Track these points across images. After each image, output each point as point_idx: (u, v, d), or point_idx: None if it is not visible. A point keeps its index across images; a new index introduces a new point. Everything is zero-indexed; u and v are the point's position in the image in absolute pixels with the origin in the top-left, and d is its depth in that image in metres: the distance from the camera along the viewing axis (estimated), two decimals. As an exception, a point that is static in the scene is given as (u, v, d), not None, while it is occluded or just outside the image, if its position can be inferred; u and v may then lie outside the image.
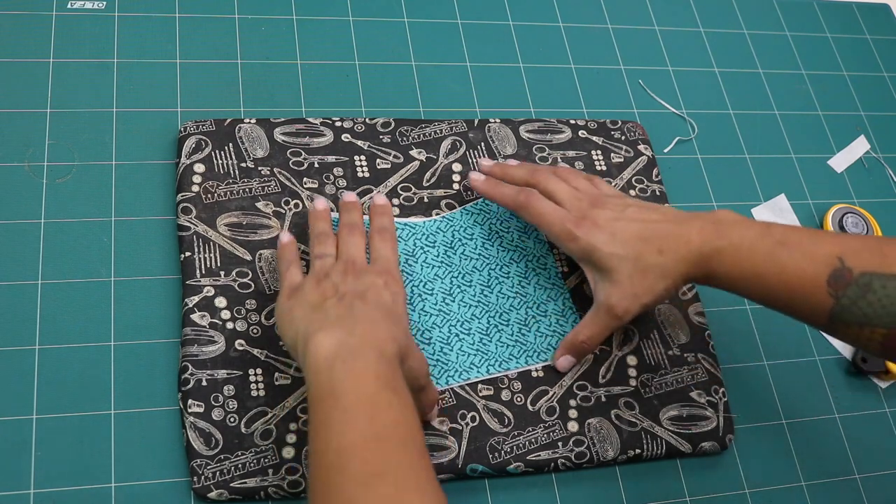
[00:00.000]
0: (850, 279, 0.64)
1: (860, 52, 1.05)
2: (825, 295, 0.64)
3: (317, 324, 0.61)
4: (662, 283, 0.70)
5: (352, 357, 0.58)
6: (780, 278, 0.66)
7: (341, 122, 0.82)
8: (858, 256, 0.64)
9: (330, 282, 0.66)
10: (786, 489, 0.77)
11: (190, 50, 0.84)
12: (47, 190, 0.75)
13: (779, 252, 0.66)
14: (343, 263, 0.68)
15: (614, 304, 0.71)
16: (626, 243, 0.70)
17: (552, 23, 0.97)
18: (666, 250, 0.69)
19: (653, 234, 0.70)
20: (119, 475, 0.66)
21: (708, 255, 0.68)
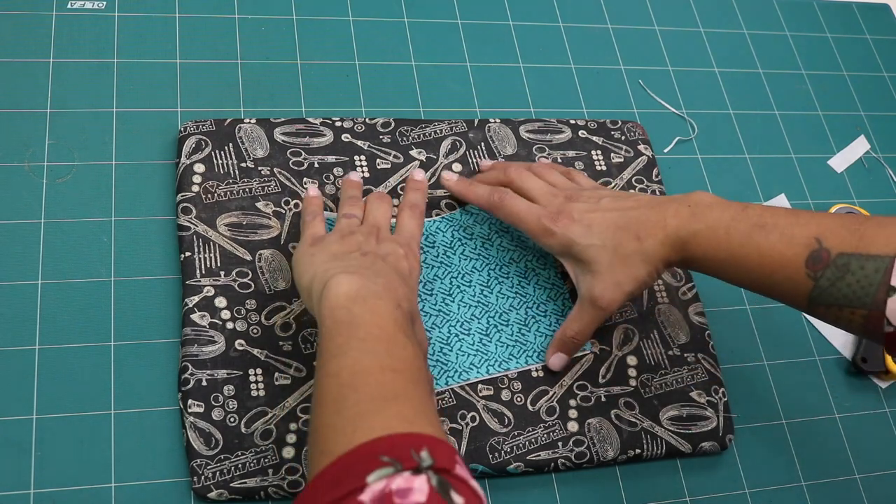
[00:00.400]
0: (828, 260, 0.62)
1: (860, 52, 1.05)
2: (804, 277, 0.63)
3: (339, 268, 0.62)
4: (643, 269, 0.69)
5: (373, 298, 0.59)
6: (758, 261, 0.65)
7: (341, 122, 0.82)
8: (836, 237, 0.63)
9: (354, 239, 0.67)
10: (786, 489, 0.77)
11: (190, 50, 0.84)
12: (47, 190, 0.75)
13: (756, 234, 0.66)
14: (368, 226, 0.69)
15: (598, 296, 0.70)
16: (603, 233, 0.70)
17: (552, 23, 0.97)
18: (643, 236, 0.69)
19: (629, 221, 0.70)
20: (119, 475, 0.66)
21: (685, 239, 0.68)
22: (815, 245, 0.63)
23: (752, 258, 0.66)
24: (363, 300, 0.59)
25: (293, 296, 0.73)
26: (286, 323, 0.72)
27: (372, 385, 0.55)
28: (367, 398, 0.54)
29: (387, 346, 0.57)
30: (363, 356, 0.56)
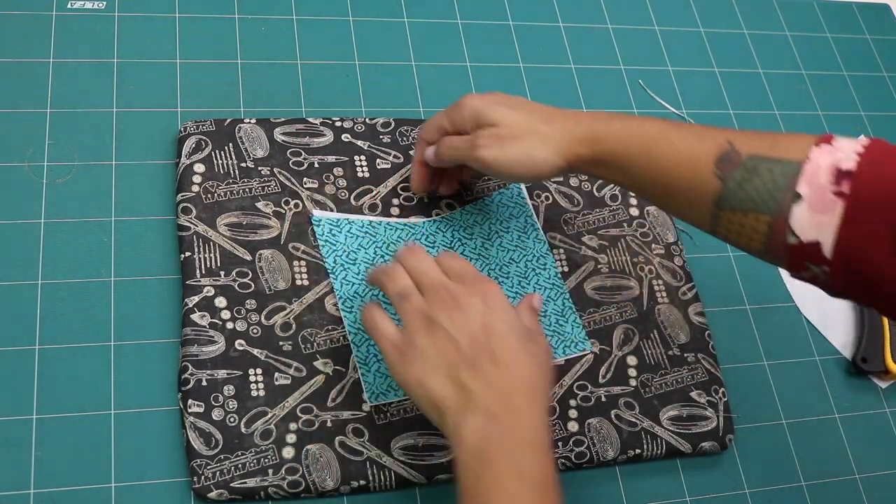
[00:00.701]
0: (738, 161, 0.61)
1: (860, 52, 1.05)
2: (712, 176, 0.61)
3: (461, 410, 0.60)
4: (539, 147, 0.68)
5: (496, 451, 0.58)
6: (668, 157, 0.64)
7: (341, 122, 0.82)
8: (748, 141, 0.62)
9: (441, 330, 0.62)
10: (786, 489, 0.77)
11: (190, 50, 0.84)
12: (47, 190, 0.75)
13: (669, 131, 0.65)
14: (433, 293, 0.64)
15: (479, 135, 0.70)
16: (517, 110, 0.70)
17: (552, 23, 0.97)
18: (554, 122, 0.69)
19: (545, 109, 0.70)
20: (119, 475, 0.66)
21: (597, 130, 0.67)
22: (727, 146, 0.62)
23: (663, 152, 0.64)
24: (487, 459, 0.58)
25: (293, 296, 0.73)
26: (286, 323, 0.72)
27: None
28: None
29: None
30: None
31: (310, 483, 0.67)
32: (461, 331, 0.62)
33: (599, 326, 0.78)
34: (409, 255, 0.67)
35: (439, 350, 0.61)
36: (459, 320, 0.62)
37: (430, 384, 0.61)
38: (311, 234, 0.76)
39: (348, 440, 0.69)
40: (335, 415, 0.70)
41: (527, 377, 0.61)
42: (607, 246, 0.82)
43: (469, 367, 0.60)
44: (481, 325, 0.62)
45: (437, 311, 0.63)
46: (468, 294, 0.64)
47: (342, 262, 0.76)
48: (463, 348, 0.61)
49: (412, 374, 0.62)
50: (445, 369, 0.61)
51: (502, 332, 0.62)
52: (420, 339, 0.62)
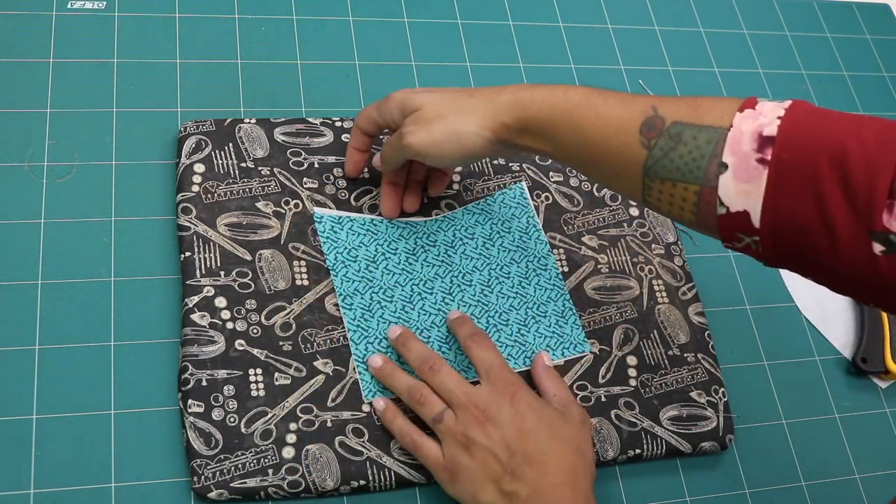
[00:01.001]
0: (661, 128, 0.59)
1: (860, 52, 1.05)
2: (638, 145, 0.60)
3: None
4: (464, 122, 0.68)
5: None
6: (593, 123, 0.62)
7: (341, 122, 0.82)
8: (672, 106, 0.60)
9: (480, 447, 0.64)
10: (786, 489, 0.77)
11: (190, 50, 0.84)
12: (47, 190, 0.75)
13: (594, 97, 0.63)
14: (465, 411, 0.66)
15: (404, 124, 0.70)
16: (440, 92, 0.71)
17: (552, 23, 0.97)
18: (477, 94, 0.69)
19: (465, 89, 0.70)
20: (119, 475, 0.66)
21: (521, 98, 0.66)
22: (651, 112, 0.60)
23: (588, 120, 0.63)
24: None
25: (293, 296, 0.73)
26: (286, 323, 0.72)
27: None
28: None
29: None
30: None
31: (310, 483, 0.67)
32: (497, 443, 0.64)
33: (599, 326, 0.78)
34: (431, 374, 0.68)
35: (481, 465, 0.64)
36: (494, 433, 0.65)
37: (481, 497, 0.64)
38: (311, 233, 0.76)
39: (348, 440, 0.69)
40: (335, 415, 0.70)
41: (564, 466, 0.64)
42: (607, 246, 0.82)
43: (510, 475, 0.63)
44: (514, 431, 0.65)
45: (471, 429, 0.65)
46: (497, 405, 0.66)
47: (343, 259, 0.76)
48: (502, 459, 0.64)
49: (464, 491, 0.65)
50: (491, 482, 0.64)
51: (535, 431, 0.65)
52: (462, 458, 0.65)
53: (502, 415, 0.65)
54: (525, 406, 0.66)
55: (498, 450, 0.64)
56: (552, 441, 0.65)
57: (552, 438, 0.65)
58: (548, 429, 0.66)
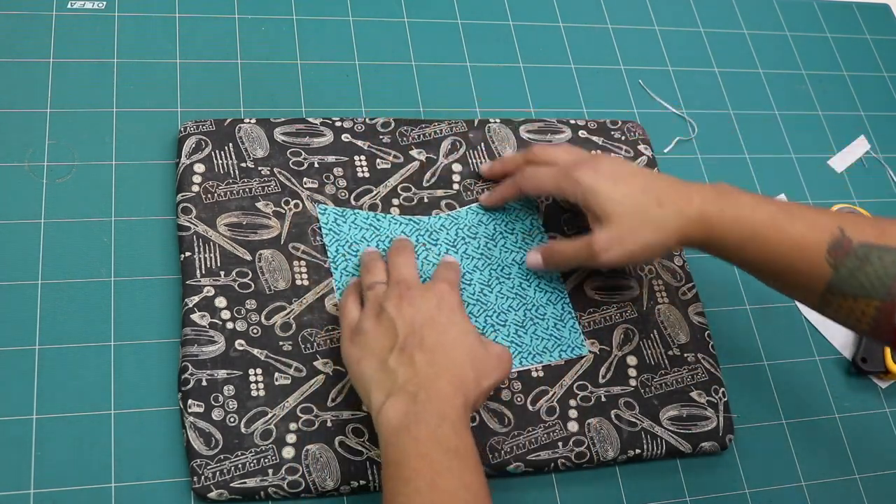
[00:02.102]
0: (849, 248, 0.64)
1: (860, 52, 1.05)
2: (824, 263, 0.64)
3: (384, 391, 0.63)
4: (656, 235, 0.69)
5: (415, 424, 0.60)
6: (779, 242, 0.66)
7: (341, 122, 0.82)
8: (858, 228, 0.65)
9: (387, 316, 0.65)
10: (786, 489, 0.77)
11: (190, 50, 0.84)
12: (47, 190, 0.75)
13: (780, 217, 0.67)
14: (396, 286, 0.68)
15: (598, 248, 0.71)
16: (627, 192, 0.70)
17: (552, 23, 0.97)
18: (666, 203, 0.69)
19: (654, 186, 0.70)
20: (119, 475, 0.66)
21: (709, 215, 0.68)
22: (838, 233, 0.65)
23: (774, 239, 0.66)
24: (406, 429, 0.60)
25: (293, 296, 0.73)
26: (286, 323, 0.72)
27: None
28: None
29: (430, 479, 0.58)
30: (409, 500, 0.58)
31: (310, 483, 0.67)
32: (403, 319, 0.65)
33: (599, 326, 0.78)
34: (395, 252, 0.72)
35: (380, 335, 0.65)
36: (407, 311, 0.65)
37: (363, 364, 0.65)
38: (311, 234, 0.76)
39: (348, 440, 0.69)
40: (335, 415, 0.70)
41: (453, 368, 0.63)
42: (607, 246, 0.82)
43: (399, 352, 0.64)
44: (424, 317, 0.65)
45: (390, 301, 0.66)
46: (426, 292, 0.67)
47: (344, 253, 0.76)
48: (399, 334, 0.64)
49: (352, 354, 0.66)
50: (379, 352, 0.64)
51: (442, 325, 0.65)
52: (367, 323, 0.66)
53: (423, 301, 0.66)
54: (447, 306, 0.66)
55: (400, 325, 0.64)
56: (455, 343, 0.64)
57: (456, 341, 0.65)
58: (457, 332, 0.65)
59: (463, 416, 0.62)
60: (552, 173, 0.73)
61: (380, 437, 0.62)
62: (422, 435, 0.60)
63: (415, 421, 0.60)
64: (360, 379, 0.65)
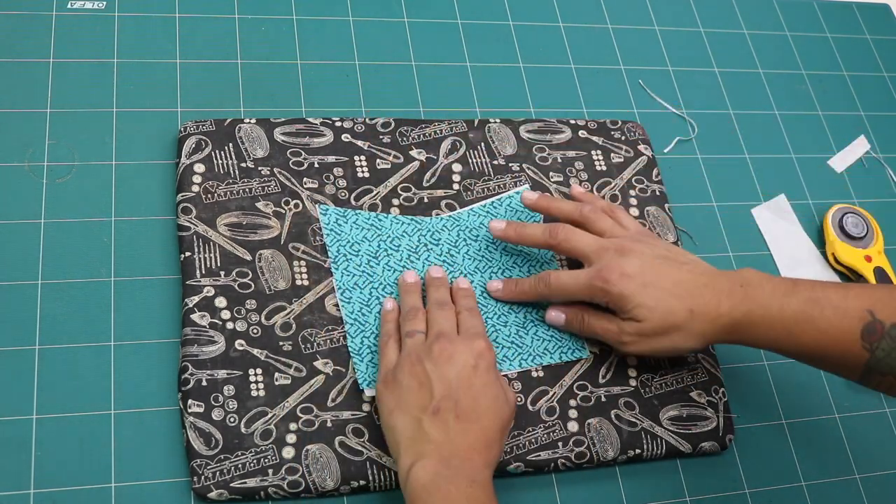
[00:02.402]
0: (882, 332, 0.66)
1: (860, 52, 1.05)
2: (859, 349, 0.66)
3: (415, 452, 0.63)
4: (685, 342, 0.70)
5: (446, 483, 0.61)
6: (812, 336, 0.67)
7: (341, 122, 0.82)
8: (888, 308, 0.66)
9: (424, 371, 0.66)
10: (786, 489, 0.77)
11: (190, 50, 0.84)
12: (47, 190, 0.75)
13: (810, 310, 0.67)
14: (434, 338, 0.68)
15: (625, 330, 0.71)
16: (657, 297, 0.70)
17: (552, 23, 0.97)
18: (697, 313, 0.69)
19: (684, 288, 0.70)
20: (119, 475, 0.66)
21: (738, 320, 0.69)
22: (869, 318, 0.66)
23: (807, 333, 0.67)
24: (436, 488, 0.61)
25: (293, 296, 0.73)
26: (286, 323, 0.72)
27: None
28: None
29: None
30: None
31: (310, 483, 0.67)
32: (440, 378, 0.65)
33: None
34: (438, 307, 0.71)
35: (415, 388, 0.65)
36: (443, 369, 0.66)
37: (395, 416, 0.65)
38: (311, 234, 0.76)
39: (348, 440, 0.69)
40: (335, 415, 0.70)
41: (485, 438, 0.64)
42: (607, 246, 0.82)
43: (433, 414, 0.64)
44: (462, 379, 0.66)
45: (428, 355, 0.67)
46: (463, 352, 0.67)
47: (345, 253, 0.76)
48: (435, 393, 0.65)
49: (386, 402, 0.66)
50: (414, 410, 0.65)
51: (479, 391, 0.65)
52: (404, 375, 0.66)
53: (461, 360, 0.66)
54: (484, 368, 0.67)
55: (436, 384, 0.65)
56: (489, 411, 0.65)
57: (490, 410, 0.65)
58: (491, 397, 0.66)
59: (489, 480, 0.63)
60: (581, 280, 0.72)
61: (405, 493, 0.62)
62: (452, 494, 0.61)
63: (445, 481, 0.61)
64: (391, 430, 0.65)
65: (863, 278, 0.88)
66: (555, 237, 0.74)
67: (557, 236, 0.74)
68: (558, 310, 0.76)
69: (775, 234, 0.90)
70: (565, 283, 0.73)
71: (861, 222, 0.90)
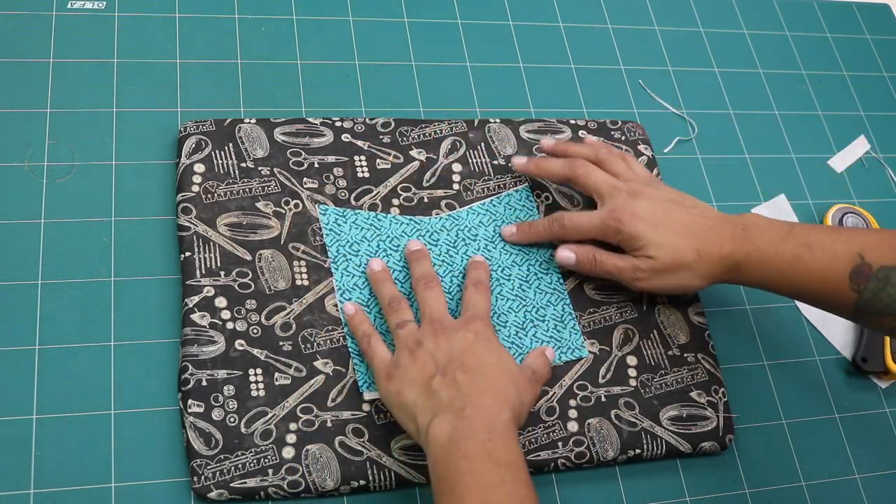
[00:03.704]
0: (870, 273, 0.68)
1: (860, 52, 1.05)
2: (848, 290, 0.69)
3: (430, 411, 0.64)
4: (691, 279, 0.74)
5: (464, 439, 0.61)
6: (804, 278, 0.71)
7: (341, 122, 0.82)
8: (877, 251, 0.69)
9: (425, 350, 0.67)
10: (786, 489, 0.77)
11: (190, 50, 0.84)
12: (47, 190, 0.75)
13: (802, 253, 0.71)
14: (429, 324, 0.69)
15: (638, 266, 0.74)
16: (666, 235, 0.73)
17: (552, 23, 0.97)
18: (702, 253, 0.73)
19: (691, 232, 0.73)
20: (119, 475, 0.66)
21: (738, 261, 0.73)
22: (858, 260, 0.69)
23: (799, 275, 0.71)
24: (455, 445, 0.61)
25: (293, 296, 0.73)
26: (286, 323, 0.72)
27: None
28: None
29: (481, 493, 0.59)
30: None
31: (310, 483, 0.67)
32: (441, 351, 0.66)
33: (599, 326, 0.78)
34: (422, 286, 0.72)
35: (418, 367, 0.66)
36: (442, 343, 0.67)
37: (405, 395, 0.65)
38: (311, 234, 0.76)
39: (348, 440, 0.69)
40: (335, 415, 0.70)
41: (495, 385, 0.65)
42: (607, 246, 0.82)
43: (441, 375, 0.65)
44: (462, 347, 0.67)
45: (424, 337, 0.68)
46: (461, 329, 0.68)
47: (344, 253, 0.76)
48: (439, 362, 0.66)
49: (391, 389, 0.66)
50: (421, 381, 0.65)
51: (480, 351, 0.67)
52: (404, 359, 0.67)
53: (458, 334, 0.67)
54: (483, 337, 0.68)
55: (439, 356, 0.66)
56: (494, 365, 0.66)
57: (495, 365, 0.66)
58: (495, 357, 0.67)
59: (511, 431, 0.63)
60: (595, 219, 0.75)
61: (428, 456, 0.63)
62: (471, 450, 0.61)
63: (463, 436, 0.61)
64: (402, 408, 0.65)
65: (863, 278, 0.88)
66: (574, 170, 0.77)
67: (577, 170, 0.77)
68: (569, 249, 0.77)
69: (775, 234, 0.90)
70: (579, 222, 0.76)
71: (861, 222, 0.90)
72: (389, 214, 0.79)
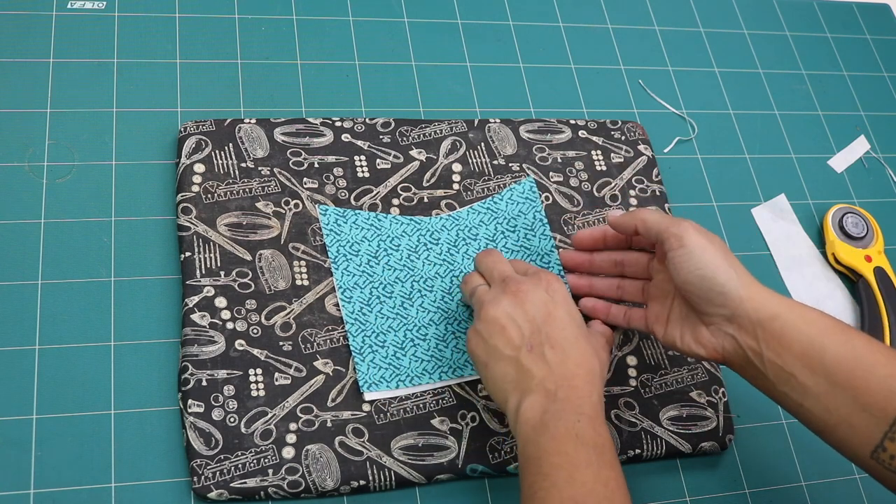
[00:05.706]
0: None
1: (860, 52, 1.05)
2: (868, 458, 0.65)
3: (520, 389, 0.64)
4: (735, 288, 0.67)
5: (554, 421, 0.62)
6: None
7: (341, 122, 0.82)
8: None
9: (505, 315, 0.66)
10: (786, 489, 0.77)
11: (190, 50, 0.84)
12: (47, 190, 0.75)
13: (853, 335, 0.67)
14: (501, 284, 0.69)
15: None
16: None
17: (552, 23, 0.97)
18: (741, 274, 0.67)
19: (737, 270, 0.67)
20: (119, 475, 0.66)
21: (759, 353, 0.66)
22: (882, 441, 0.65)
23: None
24: (545, 427, 0.62)
25: (293, 296, 0.73)
26: (286, 323, 0.72)
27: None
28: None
29: (569, 473, 0.60)
30: (548, 496, 0.59)
31: (310, 483, 0.67)
32: (524, 318, 0.66)
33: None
34: (483, 256, 0.72)
35: (500, 335, 0.66)
36: (522, 308, 0.67)
37: (494, 368, 0.66)
38: (311, 234, 0.76)
39: (348, 440, 0.69)
40: (335, 415, 0.70)
41: (584, 363, 0.65)
42: (607, 246, 0.82)
43: (528, 350, 0.65)
44: (544, 313, 0.66)
45: (504, 297, 0.67)
46: (533, 286, 0.68)
47: (344, 253, 0.76)
48: (524, 331, 0.66)
49: (479, 356, 0.67)
50: (508, 352, 0.65)
51: (563, 320, 0.67)
52: (485, 325, 0.67)
53: (536, 295, 0.67)
54: (560, 297, 0.68)
55: (522, 324, 0.66)
56: (578, 337, 0.66)
57: (578, 335, 0.66)
58: (576, 325, 0.67)
59: (599, 412, 0.64)
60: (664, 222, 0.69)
61: (517, 436, 0.64)
62: (560, 431, 0.61)
63: (553, 419, 0.62)
64: (492, 381, 0.66)
65: (863, 278, 0.88)
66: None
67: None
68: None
69: (775, 234, 0.90)
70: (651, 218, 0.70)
71: (861, 222, 0.90)
72: (389, 214, 0.79)
